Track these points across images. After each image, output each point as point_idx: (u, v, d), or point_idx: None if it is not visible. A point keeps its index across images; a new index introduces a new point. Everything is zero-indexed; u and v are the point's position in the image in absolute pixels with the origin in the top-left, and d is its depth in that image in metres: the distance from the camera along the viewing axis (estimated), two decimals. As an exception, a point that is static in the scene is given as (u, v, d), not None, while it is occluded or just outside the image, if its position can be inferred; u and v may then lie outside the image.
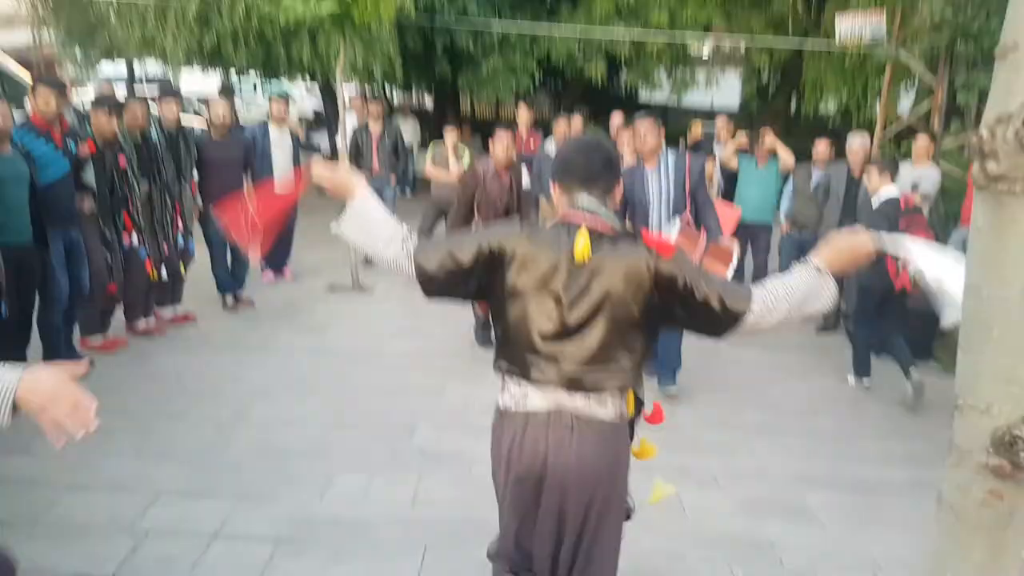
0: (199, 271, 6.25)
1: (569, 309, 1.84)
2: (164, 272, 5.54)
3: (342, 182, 2.01)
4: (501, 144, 5.38)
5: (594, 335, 1.84)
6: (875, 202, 5.27)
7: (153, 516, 3.26)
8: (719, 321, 1.85)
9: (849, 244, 1.87)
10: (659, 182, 4.89)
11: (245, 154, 6.39)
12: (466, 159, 7.58)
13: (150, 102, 5.87)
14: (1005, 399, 1.06)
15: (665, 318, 1.90)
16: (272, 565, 2.96)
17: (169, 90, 6.12)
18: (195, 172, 6.06)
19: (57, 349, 4.73)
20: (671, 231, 4.29)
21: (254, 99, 20.74)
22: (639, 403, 2.02)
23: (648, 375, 5.27)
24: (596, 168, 1.93)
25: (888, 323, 5.29)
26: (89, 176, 4.89)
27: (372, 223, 1.98)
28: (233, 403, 4.50)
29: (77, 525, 3.16)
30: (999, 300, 1.05)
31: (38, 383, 1.36)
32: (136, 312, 5.53)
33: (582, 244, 1.81)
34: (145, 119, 5.39)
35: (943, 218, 7.55)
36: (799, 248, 6.90)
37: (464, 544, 3.16)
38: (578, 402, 1.88)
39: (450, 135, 7.62)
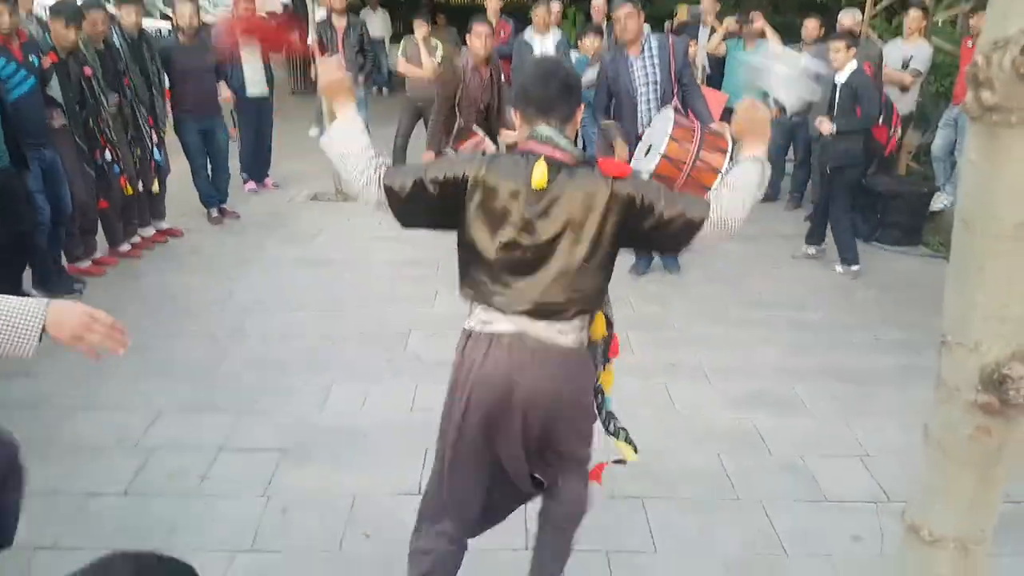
0: (178, 185, 6.15)
1: (530, 236, 1.87)
2: (140, 187, 5.39)
3: (341, 87, 2.05)
4: (479, 38, 5.15)
5: (555, 263, 1.88)
6: (841, 77, 5.19)
7: (157, 433, 3.35)
8: (679, 233, 1.89)
9: (755, 119, 1.99)
10: (644, 69, 4.82)
11: (216, 60, 6.14)
12: (439, 53, 7.29)
13: (110, 8, 5.57)
14: (995, 337, 1.05)
15: (630, 238, 1.94)
16: (278, 473, 3.07)
17: None
18: (166, 79, 5.82)
19: (47, 273, 4.71)
20: (661, 120, 4.22)
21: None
22: (609, 325, 2.07)
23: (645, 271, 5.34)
24: (553, 97, 1.92)
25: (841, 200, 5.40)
26: (55, 89, 4.68)
27: (352, 144, 1.98)
28: (227, 318, 4.54)
29: (83, 446, 3.24)
30: (991, 236, 1.02)
31: (65, 313, 1.53)
32: (116, 232, 5.41)
33: (539, 173, 1.83)
34: (106, 26, 5.12)
35: (934, 96, 7.43)
36: (789, 133, 6.83)
37: (462, 446, 3.28)
38: (540, 328, 1.92)
39: (420, 28, 7.25)
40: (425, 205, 1.93)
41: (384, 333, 4.36)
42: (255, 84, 6.74)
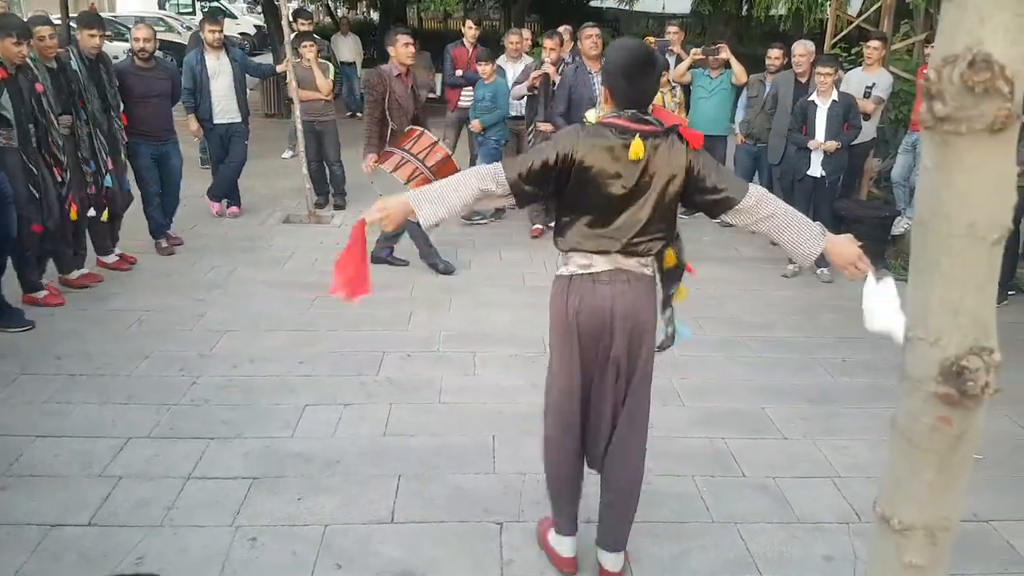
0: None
1: (625, 195, 2.31)
2: (92, 213, 5.20)
3: (397, 211, 2.29)
4: (405, 46, 5.47)
5: (644, 213, 2.34)
6: (825, 100, 5.78)
7: (125, 460, 3.27)
8: (718, 203, 2.34)
9: (850, 251, 2.24)
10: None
11: (172, 84, 6.03)
12: (331, 73, 7.40)
13: (71, 29, 5.47)
14: (953, 330, 1.12)
15: (685, 196, 2.38)
16: (248, 502, 3.02)
17: (88, 19, 5.51)
18: (122, 104, 5.63)
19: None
20: None
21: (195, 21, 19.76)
22: (679, 256, 2.56)
23: None
24: (652, 88, 2.36)
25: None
26: (6, 107, 4.49)
27: (440, 196, 2.30)
28: (196, 342, 4.48)
29: (47, 474, 3.16)
30: (945, 236, 1.10)
31: None
32: (66, 259, 5.18)
33: (636, 147, 2.25)
34: (55, 42, 4.93)
35: (893, 123, 7.65)
36: (754, 159, 6.97)
37: (437, 471, 3.26)
38: (631, 263, 2.40)
39: (311, 51, 7.14)
40: (541, 182, 2.32)
41: (357, 356, 4.33)
42: (225, 112, 6.72)
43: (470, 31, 7.39)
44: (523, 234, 6.78)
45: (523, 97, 6.53)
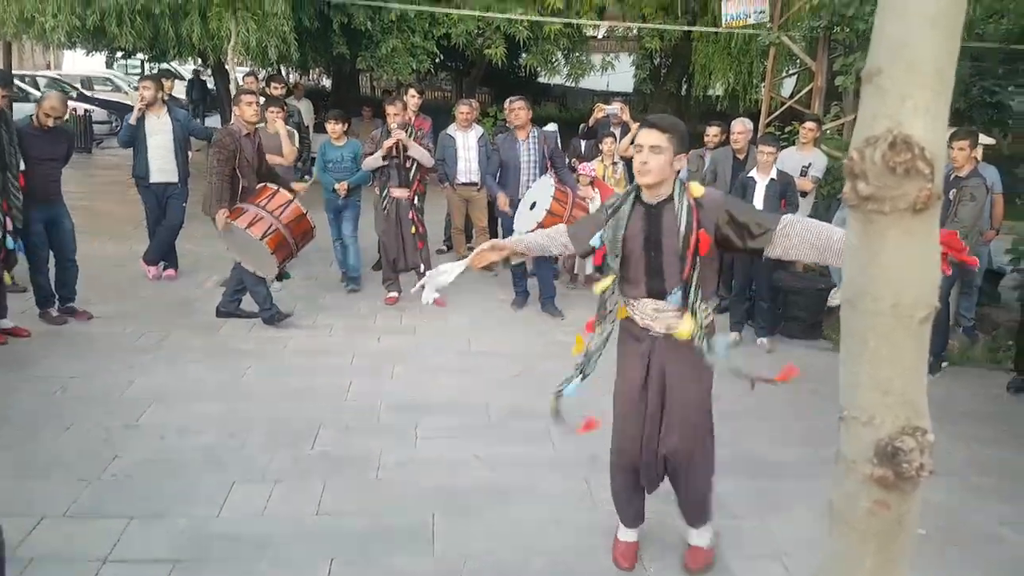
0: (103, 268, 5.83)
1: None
2: None
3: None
4: (249, 105, 5.68)
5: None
6: (764, 177, 5.95)
7: (38, 540, 3.05)
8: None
9: None
10: (528, 150, 6.45)
11: (67, 148, 5.83)
12: (296, 139, 7.47)
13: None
14: (885, 410, 1.11)
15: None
16: (169, 587, 2.83)
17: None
18: (22, 163, 5.35)
19: None
20: (541, 186, 6.08)
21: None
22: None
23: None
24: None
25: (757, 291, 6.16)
26: None
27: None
28: (122, 411, 4.26)
29: (-53, 558, 2.91)
30: (872, 313, 1.10)
31: None
32: None
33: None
34: None
35: (825, 199, 7.94)
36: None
37: (372, 554, 3.12)
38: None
39: (279, 116, 7.12)
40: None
41: (291, 427, 4.17)
42: (161, 172, 6.60)
43: (412, 99, 7.49)
44: (470, 299, 6.75)
45: (379, 168, 6.40)
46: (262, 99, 7.04)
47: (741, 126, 6.65)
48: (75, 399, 4.39)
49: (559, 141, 6.96)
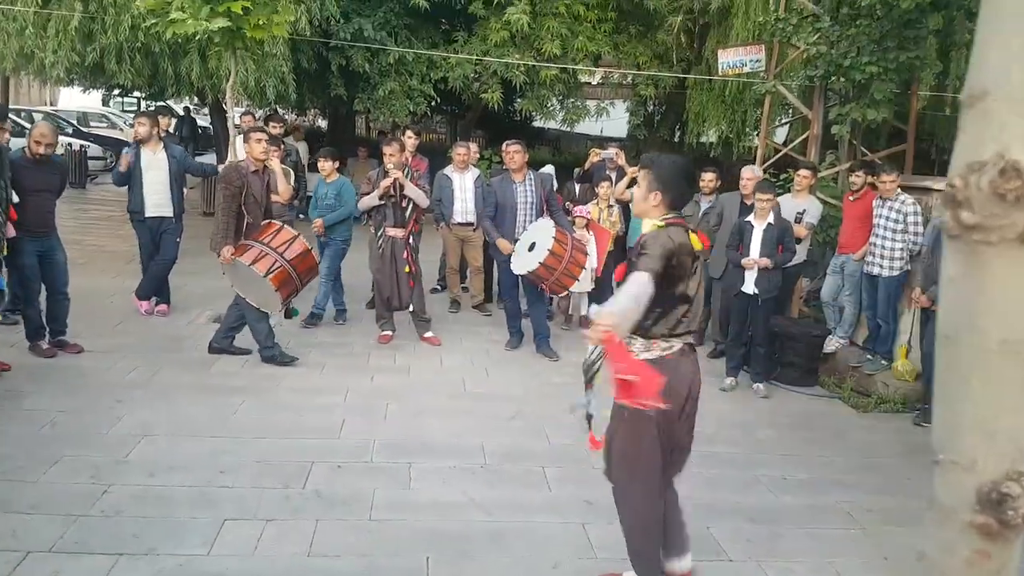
0: (95, 302, 5.81)
1: (694, 283, 2.88)
2: None
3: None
4: (258, 143, 5.74)
5: (701, 299, 2.91)
6: (762, 223, 5.99)
7: (19, 578, 2.95)
8: None
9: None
10: (524, 192, 6.53)
11: (61, 180, 5.85)
12: (292, 178, 7.35)
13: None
14: (988, 454, 1.04)
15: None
16: (154, 629, 2.74)
17: None
18: (14, 196, 5.33)
19: None
20: (540, 228, 6.15)
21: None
22: None
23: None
24: (691, 193, 3.12)
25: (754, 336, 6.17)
26: None
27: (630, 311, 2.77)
28: (111, 447, 4.18)
29: (-75, 597, 2.82)
30: (977, 350, 1.03)
31: None
32: None
33: (696, 240, 2.87)
34: None
35: (820, 246, 7.99)
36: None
37: (365, 594, 3.03)
38: (691, 340, 2.95)
39: (276, 155, 7.02)
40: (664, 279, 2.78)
41: (284, 466, 4.09)
42: (156, 207, 6.61)
43: (409, 140, 7.57)
44: (465, 339, 6.71)
45: (375, 207, 6.35)
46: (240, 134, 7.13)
47: (750, 172, 6.75)
48: (63, 435, 4.30)
49: (555, 184, 7.17)
